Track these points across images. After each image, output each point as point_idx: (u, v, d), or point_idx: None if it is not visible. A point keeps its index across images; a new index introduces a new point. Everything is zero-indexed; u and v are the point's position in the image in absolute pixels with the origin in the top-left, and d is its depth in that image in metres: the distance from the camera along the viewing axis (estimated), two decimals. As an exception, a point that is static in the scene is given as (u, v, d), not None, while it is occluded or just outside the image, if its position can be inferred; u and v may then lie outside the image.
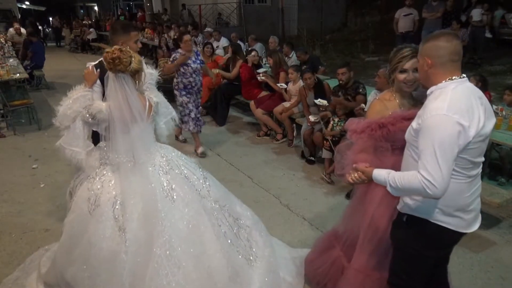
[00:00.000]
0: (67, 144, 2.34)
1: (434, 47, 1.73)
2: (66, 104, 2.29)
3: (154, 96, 2.39)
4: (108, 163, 2.32)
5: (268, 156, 5.21)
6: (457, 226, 1.81)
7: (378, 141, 2.12)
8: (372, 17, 14.58)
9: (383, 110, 2.16)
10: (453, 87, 1.69)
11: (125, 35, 2.52)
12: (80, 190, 2.31)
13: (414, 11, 9.24)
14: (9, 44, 9.87)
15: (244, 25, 14.74)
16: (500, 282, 2.81)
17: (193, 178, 2.44)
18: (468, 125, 1.62)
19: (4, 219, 3.70)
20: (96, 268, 2.15)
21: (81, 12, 31.33)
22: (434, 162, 1.60)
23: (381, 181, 1.81)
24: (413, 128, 1.76)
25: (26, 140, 5.92)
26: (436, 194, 1.62)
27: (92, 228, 2.18)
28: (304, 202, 3.95)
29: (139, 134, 2.25)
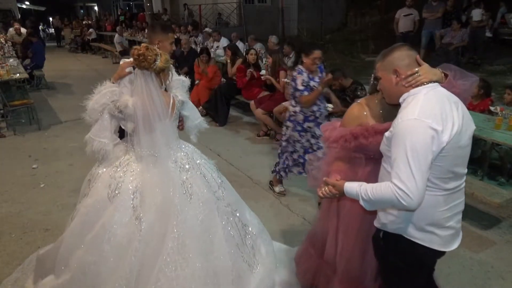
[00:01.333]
0: (96, 136, 2.36)
1: (400, 57, 1.69)
2: (94, 99, 2.32)
3: (180, 95, 2.44)
4: (132, 154, 2.38)
5: (268, 156, 5.21)
6: (430, 243, 1.70)
7: (351, 152, 2.03)
8: (372, 17, 14.57)
9: (361, 117, 2.04)
10: (425, 92, 1.61)
11: (163, 35, 2.55)
12: (102, 177, 2.35)
13: (414, 11, 9.25)
14: (9, 44, 9.87)
15: (244, 25, 14.73)
16: (500, 282, 2.81)
17: (211, 179, 2.49)
18: (441, 130, 1.53)
19: (4, 219, 3.70)
20: (106, 254, 2.18)
21: (81, 12, 31.33)
22: (407, 170, 1.50)
23: (353, 194, 1.72)
24: (386, 137, 1.67)
25: (26, 140, 5.92)
26: (411, 205, 1.52)
27: (109, 214, 2.22)
28: (304, 202, 3.95)
29: (162, 130, 2.29)
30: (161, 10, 18.42)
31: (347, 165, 2.06)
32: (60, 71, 11.52)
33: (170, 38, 2.58)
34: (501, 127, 3.68)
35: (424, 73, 1.65)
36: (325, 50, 11.94)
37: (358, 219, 2.10)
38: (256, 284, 2.46)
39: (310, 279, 2.48)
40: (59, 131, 6.28)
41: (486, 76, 8.41)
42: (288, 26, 15.24)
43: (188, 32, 11.53)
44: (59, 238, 2.49)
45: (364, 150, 2.00)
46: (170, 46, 2.56)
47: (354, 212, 2.09)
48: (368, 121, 2.01)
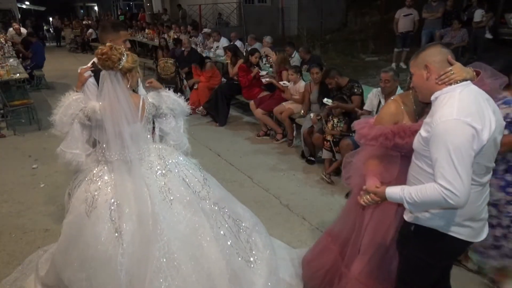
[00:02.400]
0: (67, 148, 2.34)
1: (432, 53, 1.71)
2: (60, 112, 2.30)
3: (151, 98, 2.38)
4: (104, 162, 2.32)
5: (268, 156, 5.21)
6: (467, 236, 1.76)
7: (388, 150, 2.03)
8: (372, 17, 14.56)
9: (398, 114, 2.06)
10: (460, 91, 1.63)
11: (114, 34, 2.49)
12: (78, 192, 2.31)
13: (414, 11, 9.25)
14: (9, 44, 9.87)
15: (244, 25, 14.73)
16: (500, 282, 2.81)
17: (193, 180, 2.42)
18: (481, 128, 1.55)
19: (4, 219, 3.70)
20: (93, 270, 2.14)
21: (81, 12, 31.33)
22: (452, 170, 1.51)
23: (397, 199, 1.73)
24: (422, 137, 1.68)
25: (26, 140, 5.92)
26: (459, 204, 1.54)
27: (89, 230, 2.18)
28: (304, 202, 3.95)
29: (132, 133, 2.24)
30: (161, 10, 18.42)
31: (381, 164, 2.06)
32: (60, 71, 11.51)
33: (122, 36, 2.52)
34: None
35: (457, 71, 1.67)
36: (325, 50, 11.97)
37: (387, 220, 2.11)
38: (258, 281, 2.42)
39: (321, 277, 2.47)
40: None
41: (486, 76, 8.41)
42: (288, 26, 15.24)
43: (188, 32, 11.53)
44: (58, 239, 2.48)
45: (399, 149, 2.02)
46: (123, 45, 2.49)
47: (382, 212, 2.11)
48: (404, 118, 2.04)
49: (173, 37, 10.58)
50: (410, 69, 1.81)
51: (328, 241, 2.53)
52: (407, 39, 9.26)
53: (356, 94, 4.44)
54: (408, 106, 2.07)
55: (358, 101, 4.42)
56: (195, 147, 2.60)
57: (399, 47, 9.34)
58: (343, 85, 4.51)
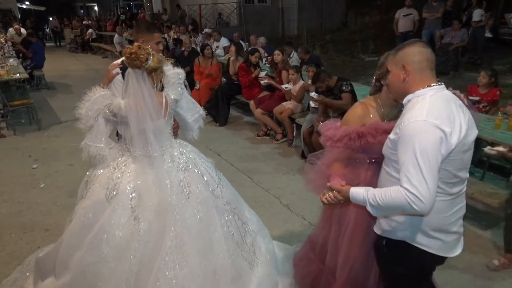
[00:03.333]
0: (92, 141, 2.36)
1: (412, 53, 1.62)
2: (86, 106, 2.32)
3: (172, 94, 2.42)
4: (128, 154, 2.37)
5: (268, 156, 5.21)
6: (438, 250, 1.68)
7: (354, 152, 1.96)
8: (372, 17, 14.57)
9: (365, 116, 2.00)
10: (432, 94, 1.58)
11: (148, 35, 2.52)
12: (99, 178, 2.35)
13: (414, 11, 9.26)
14: (9, 44, 9.87)
15: (244, 25, 14.73)
16: (500, 282, 2.81)
17: (209, 178, 2.48)
18: (450, 132, 1.49)
19: (4, 219, 3.70)
20: (105, 255, 2.18)
21: (81, 12, 31.33)
22: (417, 174, 1.45)
23: (359, 200, 1.65)
24: (390, 140, 1.62)
25: (26, 140, 5.93)
26: (423, 210, 1.46)
27: (108, 215, 2.22)
28: (304, 202, 3.95)
29: (155, 130, 2.29)
30: (161, 10, 18.43)
31: (347, 168, 1.99)
32: (60, 71, 11.52)
33: (156, 38, 2.54)
34: (501, 127, 3.68)
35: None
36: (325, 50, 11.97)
37: (364, 226, 2.06)
38: (258, 283, 2.45)
39: (308, 284, 2.44)
40: (59, 131, 6.28)
41: (486, 76, 8.41)
42: (288, 26, 15.24)
43: (188, 32, 11.53)
44: (58, 239, 2.49)
45: (369, 151, 1.95)
46: (156, 46, 2.52)
47: (360, 218, 2.06)
48: (371, 121, 1.98)
49: (173, 37, 10.58)
50: (387, 65, 1.71)
51: (307, 249, 2.49)
52: (407, 39, 9.13)
53: (345, 92, 4.35)
54: (376, 109, 2.02)
55: (347, 98, 4.32)
56: (195, 147, 2.62)
57: (399, 47, 9.34)
58: (333, 86, 4.47)
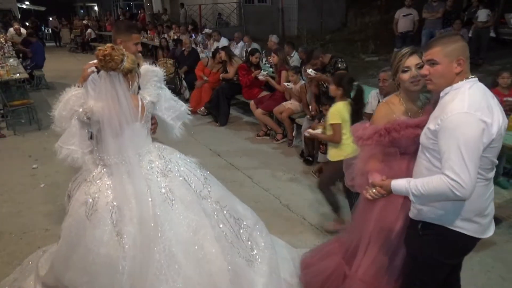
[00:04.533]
0: (64, 143, 2.30)
1: (464, 47, 1.69)
2: (59, 108, 2.26)
3: (148, 96, 2.34)
4: (102, 164, 2.29)
5: (268, 156, 5.21)
6: (475, 232, 1.76)
7: (385, 147, 2.06)
8: (372, 17, 14.56)
9: (389, 114, 2.11)
10: (469, 86, 1.66)
11: (126, 35, 2.47)
12: (77, 194, 2.28)
13: (414, 12, 9.26)
14: (9, 44, 9.87)
15: (244, 25, 14.73)
16: (500, 282, 2.81)
17: (193, 179, 2.40)
18: (491, 122, 1.59)
19: (4, 219, 3.70)
20: (95, 273, 2.12)
21: (81, 12, 31.31)
22: (460, 162, 1.54)
23: (402, 192, 1.75)
24: (431, 130, 1.70)
25: (26, 140, 5.93)
26: (465, 195, 1.56)
27: (90, 233, 2.15)
28: (304, 202, 3.94)
29: (131, 135, 2.21)
30: (161, 10, 18.42)
31: (382, 163, 2.09)
32: (60, 71, 11.51)
33: (134, 39, 2.50)
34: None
35: None
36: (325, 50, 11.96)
37: (393, 215, 2.12)
38: (259, 281, 2.39)
39: (320, 283, 2.44)
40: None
41: (486, 76, 8.40)
42: (288, 26, 15.24)
43: (188, 32, 11.53)
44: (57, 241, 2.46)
45: (396, 145, 2.05)
46: (134, 47, 2.47)
47: (390, 208, 2.12)
48: (395, 119, 2.08)
49: (173, 37, 10.58)
50: (434, 57, 1.70)
51: (334, 247, 2.53)
52: (406, 39, 9.26)
53: (341, 69, 4.27)
54: (397, 107, 2.13)
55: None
56: (195, 147, 2.62)
57: (399, 47, 9.26)
58: (327, 63, 4.41)
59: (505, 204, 3.34)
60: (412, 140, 1.98)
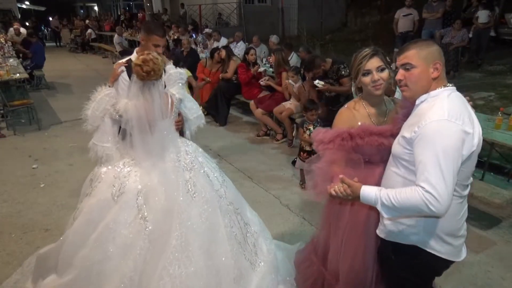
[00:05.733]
0: (99, 141, 2.39)
1: (439, 52, 1.60)
2: (92, 107, 2.35)
3: (177, 93, 2.45)
4: (132, 155, 2.38)
5: (268, 156, 5.21)
6: (448, 254, 1.66)
7: (348, 153, 1.91)
8: (372, 17, 14.57)
9: (351, 119, 1.98)
10: (447, 94, 1.56)
11: (148, 35, 2.53)
12: (105, 177, 2.35)
13: (414, 12, 9.26)
14: (9, 44, 9.88)
15: (244, 25, 14.73)
16: (500, 282, 2.81)
17: (213, 178, 2.50)
18: (472, 133, 1.48)
19: (4, 219, 3.70)
20: (110, 253, 2.19)
21: (81, 12, 31.31)
22: (437, 173, 1.41)
23: (370, 199, 1.59)
24: (406, 139, 1.56)
25: (26, 140, 5.92)
26: (439, 211, 1.43)
27: (114, 214, 2.23)
28: (304, 202, 3.94)
29: (160, 130, 2.31)
30: (161, 10, 18.42)
31: (344, 170, 1.92)
32: (60, 71, 11.52)
33: (153, 40, 2.54)
34: (501, 127, 3.68)
35: None
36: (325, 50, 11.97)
37: (361, 228, 2.03)
38: (258, 281, 2.46)
39: (309, 287, 2.42)
40: (59, 131, 6.28)
41: (486, 76, 8.42)
42: (288, 26, 15.25)
43: (188, 32, 11.53)
44: (61, 237, 2.49)
45: (360, 152, 1.93)
46: (152, 48, 2.51)
47: (355, 221, 2.04)
48: (357, 123, 1.97)
49: (173, 38, 10.58)
50: (411, 60, 1.60)
51: (309, 251, 2.46)
52: (407, 39, 9.24)
53: (345, 76, 4.21)
54: (360, 111, 2.01)
55: (348, 82, 4.15)
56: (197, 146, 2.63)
57: (399, 47, 9.32)
58: (328, 69, 4.32)
59: (505, 204, 3.34)
60: (376, 149, 1.87)
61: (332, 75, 4.29)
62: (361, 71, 1.89)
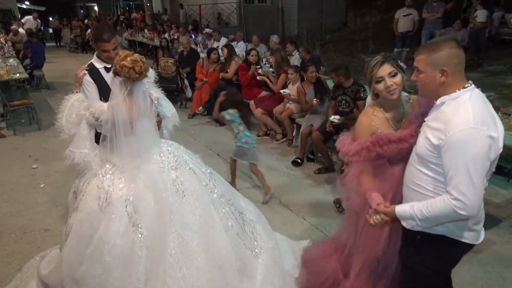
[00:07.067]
0: (76, 148, 2.36)
1: (452, 55, 1.58)
2: (64, 115, 2.32)
3: (154, 92, 2.43)
4: (112, 159, 2.33)
5: (268, 156, 5.20)
6: (472, 239, 1.74)
7: (374, 161, 1.99)
8: (372, 17, 14.58)
9: (371, 125, 2.03)
10: (469, 96, 1.57)
11: (94, 43, 2.47)
12: (89, 188, 2.29)
13: (414, 12, 9.26)
14: (9, 44, 9.88)
15: (244, 25, 14.73)
16: (500, 282, 2.81)
17: (200, 173, 2.47)
18: (497, 136, 1.53)
19: (4, 219, 3.70)
20: (109, 265, 2.15)
21: (81, 12, 31.30)
22: (467, 181, 1.49)
23: (406, 217, 1.72)
24: (433, 144, 1.59)
25: (26, 140, 5.93)
26: (471, 214, 1.53)
27: (104, 226, 2.18)
28: (304, 202, 3.94)
29: (141, 131, 2.26)
30: (161, 10, 18.42)
31: (374, 177, 2.02)
32: (60, 71, 11.51)
33: (100, 47, 2.46)
34: (501, 127, 3.67)
35: None
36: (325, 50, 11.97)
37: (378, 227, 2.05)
38: (264, 270, 2.45)
39: (318, 285, 2.43)
40: (59, 131, 6.26)
41: (486, 76, 8.42)
42: (288, 26, 15.24)
43: (188, 32, 11.53)
44: (58, 244, 2.46)
45: (382, 157, 1.99)
46: (103, 55, 2.47)
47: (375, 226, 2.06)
48: (378, 128, 2.02)
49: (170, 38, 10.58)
50: (419, 65, 1.65)
51: (330, 249, 2.49)
52: (407, 39, 9.27)
53: (362, 99, 4.37)
54: (378, 116, 2.05)
55: (363, 105, 4.32)
56: (195, 147, 2.64)
57: (399, 47, 9.34)
58: (347, 86, 4.46)
59: (505, 204, 3.33)
60: (397, 153, 1.93)
61: (350, 94, 4.41)
62: (374, 79, 1.95)
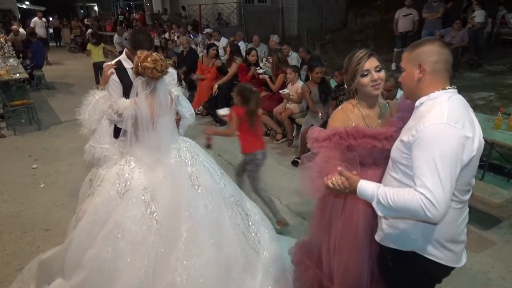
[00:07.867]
0: (97, 143, 2.42)
1: (430, 52, 1.54)
2: (88, 111, 2.38)
3: (175, 90, 2.51)
4: (133, 153, 2.40)
5: (268, 156, 5.19)
6: (448, 261, 1.62)
7: (343, 152, 1.86)
8: (372, 17, 14.57)
9: (346, 121, 1.96)
10: (448, 97, 1.51)
11: (131, 49, 2.49)
12: (108, 175, 2.37)
13: (414, 12, 9.25)
14: (9, 44, 9.88)
15: (244, 25, 14.73)
16: (500, 282, 2.81)
17: (213, 171, 2.56)
18: (472, 137, 1.44)
19: (4, 219, 3.70)
20: (121, 250, 2.20)
21: (81, 12, 31.29)
22: (434, 179, 1.37)
23: (367, 194, 1.55)
24: (404, 142, 1.52)
25: (26, 140, 5.93)
26: (435, 217, 1.38)
27: (121, 211, 2.25)
28: (304, 202, 3.94)
29: (164, 128, 2.34)
30: (161, 10, 18.42)
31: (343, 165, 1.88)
32: (60, 71, 11.52)
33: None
34: (501, 127, 3.68)
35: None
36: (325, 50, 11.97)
37: (356, 226, 2.00)
38: (265, 269, 2.51)
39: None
40: (59, 131, 6.28)
41: (486, 76, 8.41)
42: (288, 26, 15.24)
43: (188, 32, 11.54)
44: (62, 238, 2.48)
45: (352, 151, 1.89)
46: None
47: (352, 218, 2.01)
48: (353, 125, 1.95)
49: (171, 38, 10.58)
50: (402, 63, 1.63)
51: (301, 256, 2.38)
52: (406, 39, 9.24)
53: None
54: (355, 113, 2.00)
55: None
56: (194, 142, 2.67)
57: (399, 47, 9.34)
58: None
59: (505, 204, 3.33)
60: (369, 151, 1.86)
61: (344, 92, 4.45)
62: (359, 72, 1.88)
